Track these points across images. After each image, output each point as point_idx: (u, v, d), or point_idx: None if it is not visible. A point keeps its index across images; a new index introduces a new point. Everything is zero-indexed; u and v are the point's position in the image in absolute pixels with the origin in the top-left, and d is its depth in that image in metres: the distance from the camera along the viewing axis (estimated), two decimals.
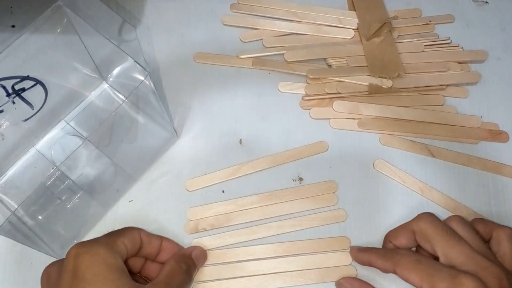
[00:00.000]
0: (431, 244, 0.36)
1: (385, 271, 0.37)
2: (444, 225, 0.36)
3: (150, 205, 0.42)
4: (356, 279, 0.39)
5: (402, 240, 0.38)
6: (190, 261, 0.37)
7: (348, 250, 0.40)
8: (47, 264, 0.39)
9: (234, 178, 0.43)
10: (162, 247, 0.38)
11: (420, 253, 0.38)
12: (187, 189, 0.42)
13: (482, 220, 0.39)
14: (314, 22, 0.50)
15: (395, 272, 0.36)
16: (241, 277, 0.39)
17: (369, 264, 0.38)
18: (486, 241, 0.38)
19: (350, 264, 0.39)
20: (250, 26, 0.50)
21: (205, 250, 0.40)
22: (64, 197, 0.39)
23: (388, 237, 0.39)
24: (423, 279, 0.34)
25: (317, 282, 0.39)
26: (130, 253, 0.35)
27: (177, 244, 0.39)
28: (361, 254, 0.39)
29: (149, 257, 0.37)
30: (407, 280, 0.35)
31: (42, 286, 0.34)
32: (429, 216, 0.37)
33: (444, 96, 0.47)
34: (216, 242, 0.40)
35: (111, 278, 0.30)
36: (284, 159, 0.43)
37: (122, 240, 0.34)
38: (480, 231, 0.38)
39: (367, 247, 0.40)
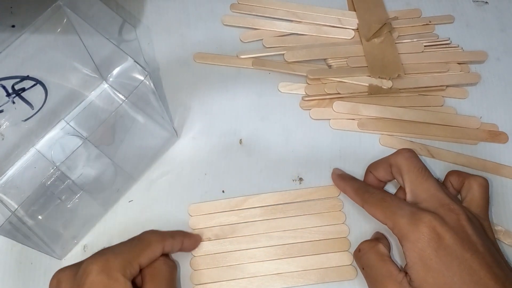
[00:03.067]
0: (403, 179, 0.37)
1: (356, 203, 0.39)
2: (418, 163, 0.37)
3: (150, 205, 0.42)
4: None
5: (381, 172, 0.40)
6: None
7: (348, 251, 0.40)
8: (47, 264, 0.39)
9: (238, 206, 0.42)
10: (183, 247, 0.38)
11: (390, 192, 0.39)
12: (189, 214, 0.41)
13: (456, 171, 0.40)
14: (314, 22, 0.50)
15: (363, 207, 0.38)
16: (242, 279, 0.39)
17: (344, 192, 0.41)
18: (458, 191, 0.39)
19: (350, 264, 0.39)
20: (250, 26, 0.50)
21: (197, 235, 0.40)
22: (64, 197, 0.39)
23: (369, 167, 0.41)
24: (386, 216, 0.36)
25: (317, 282, 0.39)
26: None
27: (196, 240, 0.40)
28: (339, 181, 0.41)
29: None
30: (373, 216, 0.37)
31: None
32: (407, 152, 0.38)
33: (443, 96, 0.47)
34: (215, 248, 0.40)
35: None
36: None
37: (140, 261, 0.33)
38: (453, 181, 0.39)
39: (347, 176, 0.42)
